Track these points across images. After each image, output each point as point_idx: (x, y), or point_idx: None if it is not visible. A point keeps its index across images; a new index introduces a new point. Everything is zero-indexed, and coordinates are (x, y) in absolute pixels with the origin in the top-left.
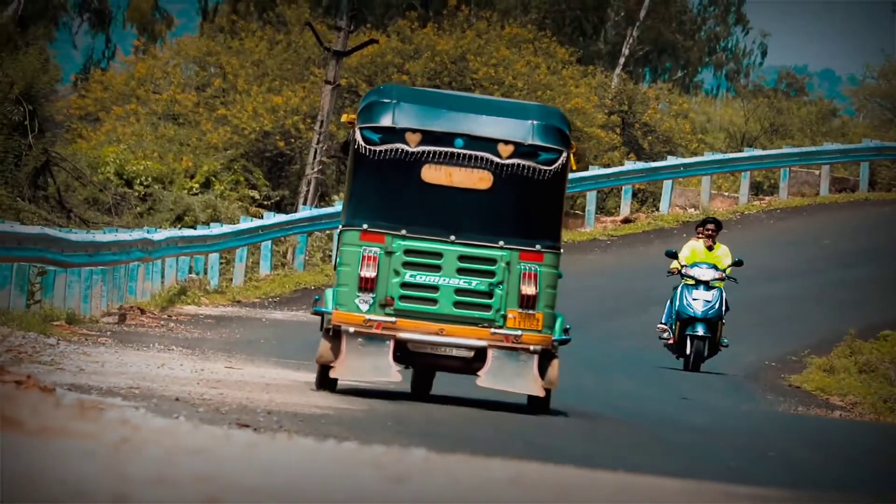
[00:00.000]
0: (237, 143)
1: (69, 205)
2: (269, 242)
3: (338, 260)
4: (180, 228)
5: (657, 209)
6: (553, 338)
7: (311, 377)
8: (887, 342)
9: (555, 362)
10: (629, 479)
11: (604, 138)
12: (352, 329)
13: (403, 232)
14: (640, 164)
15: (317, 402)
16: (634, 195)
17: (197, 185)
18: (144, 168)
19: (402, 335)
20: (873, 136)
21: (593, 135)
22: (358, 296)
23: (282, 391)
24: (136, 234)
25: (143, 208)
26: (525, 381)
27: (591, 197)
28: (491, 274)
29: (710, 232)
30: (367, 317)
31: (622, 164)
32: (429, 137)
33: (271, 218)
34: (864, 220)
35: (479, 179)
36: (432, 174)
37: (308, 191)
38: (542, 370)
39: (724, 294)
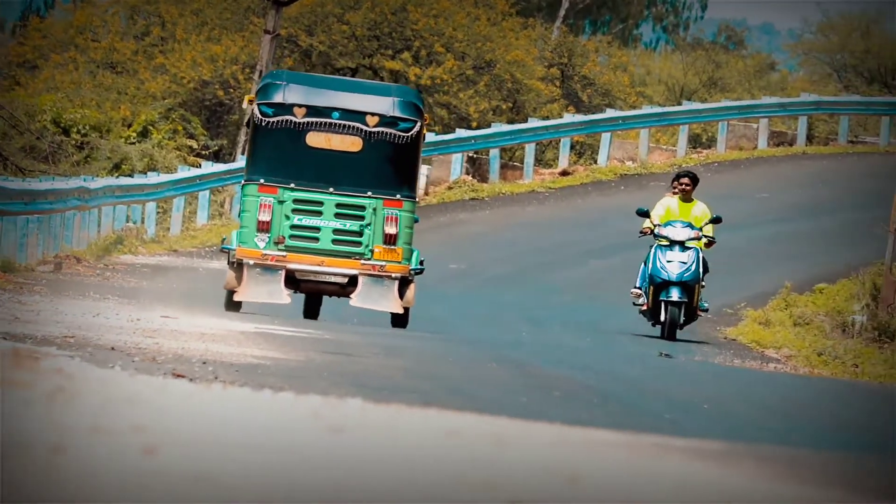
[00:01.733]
0: (175, 93)
1: (5, 153)
2: (207, 192)
3: (241, 208)
4: (117, 177)
5: (595, 162)
6: (410, 267)
7: (247, 327)
8: (822, 295)
9: (411, 286)
10: (565, 430)
11: (543, 91)
12: (251, 261)
13: (292, 185)
14: (579, 117)
15: (253, 352)
16: (573, 148)
17: (135, 134)
18: (82, 116)
19: (291, 266)
20: (811, 91)
21: (532, 87)
22: (256, 235)
23: (217, 341)
24: (73, 183)
25: (80, 157)
26: (388, 302)
27: (530, 149)
28: (361, 218)
29: (684, 186)
30: (264, 252)
31: (561, 117)
32: (312, 111)
33: (209, 167)
34: (802, 173)
35: (352, 143)
36: (315, 139)
37: (246, 140)
38: (402, 293)
39: (701, 254)
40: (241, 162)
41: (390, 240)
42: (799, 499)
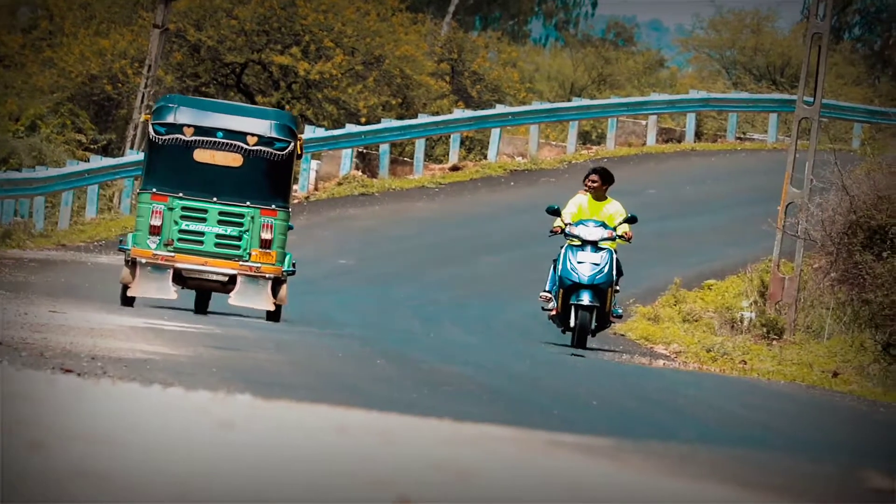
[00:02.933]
0: (64, 87)
1: None
2: (96, 186)
3: (137, 213)
4: (5, 171)
5: (485, 157)
6: (283, 269)
7: (136, 322)
8: (711, 291)
9: (284, 286)
10: (454, 426)
11: (433, 86)
12: (144, 260)
13: (181, 194)
14: (469, 113)
15: (142, 348)
16: (462, 143)
17: (22, 129)
18: None
19: (179, 265)
20: (700, 87)
21: (422, 83)
22: (149, 238)
23: (106, 336)
24: None
25: None
26: (262, 299)
27: (420, 144)
28: (240, 224)
29: (595, 184)
30: (155, 252)
31: (451, 112)
32: (199, 130)
33: (98, 161)
34: (690, 170)
35: (234, 160)
36: (201, 155)
37: (135, 135)
38: (275, 291)
39: (615, 256)
40: (130, 156)
41: (266, 244)
42: (688, 494)
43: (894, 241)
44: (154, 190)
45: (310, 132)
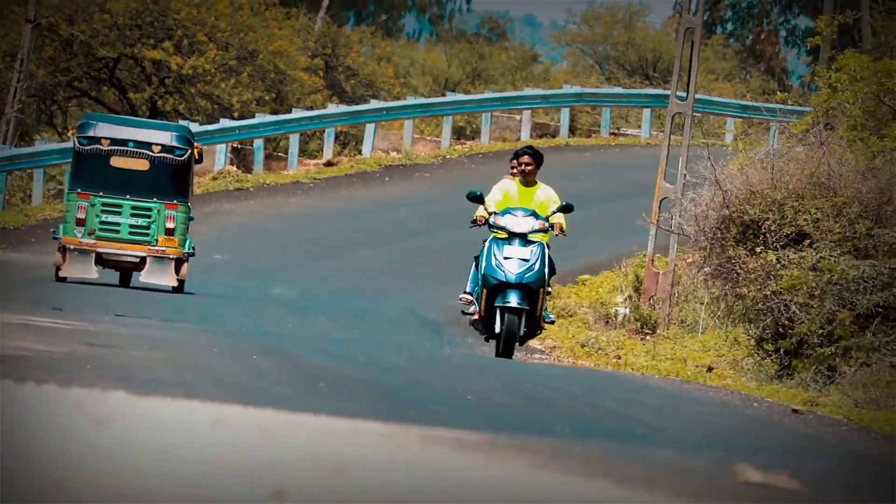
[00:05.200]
0: None
1: None
2: None
3: (66, 209)
4: None
5: (360, 152)
6: (184, 251)
7: (10, 318)
8: (585, 287)
9: (185, 265)
10: (330, 421)
11: (307, 81)
12: (71, 247)
13: (100, 193)
14: (343, 108)
15: (15, 344)
16: (337, 138)
17: None
18: None
19: (100, 250)
20: (574, 82)
21: (296, 78)
22: (76, 228)
23: None
24: None
25: None
26: (167, 277)
27: (294, 140)
28: (149, 216)
29: (524, 167)
30: (80, 240)
31: (325, 107)
32: (114, 142)
33: None
34: (565, 165)
35: (142, 164)
36: (116, 161)
37: (7, 130)
38: (178, 270)
39: (547, 251)
40: (3, 151)
41: (170, 232)
42: (562, 489)
43: (767, 236)
44: (79, 190)
45: None
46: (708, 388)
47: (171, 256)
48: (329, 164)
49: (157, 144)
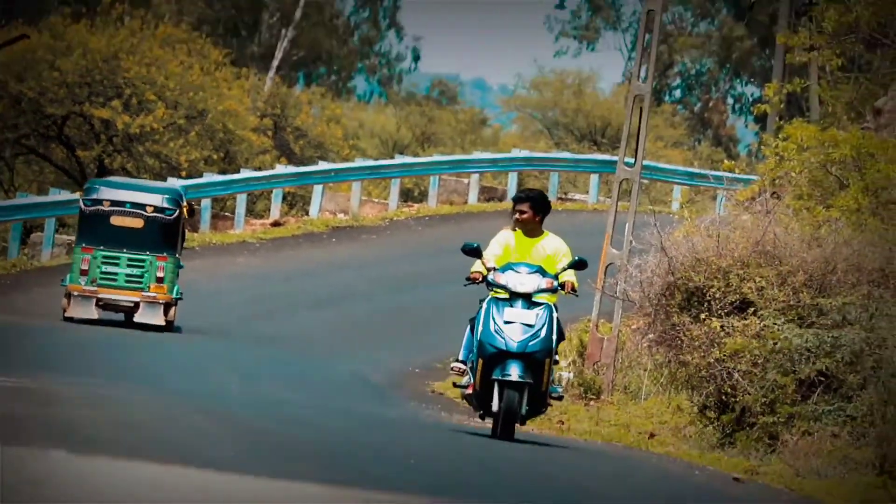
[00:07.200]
0: None
1: None
2: None
3: (72, 260)
4: None
5: (307, 213)
6: (172, 296)
7: None
8: None
9: (173, 308)
10: (271, 483)
11: (255, 141)
12: (75, 292)
13: (101, 248)
14: (291, 168)
15: None
16: (284, 199)
17: None
18: None
19: (100, 295)
20: (522, 147)
21: (245, 137)
22: (80, 277)
23: None
24: None
25: None
26: (157, 318)
27: (242, 199)
28: (142, 267)
29: (525, 214)
30: (84, 287)
31: (273, 168)
32: (114, 203)
33: None
34: None
35: (137, 223)
36: (116, 220)
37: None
38: (167, 312)
39: (555, 314)
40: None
41: (160, 280)
42: None
43: (711, 304)
44: (84, 244)
45: None
46: (650, 454)
47: (160, 301)
48: (276, 224)
49: (150, 206)
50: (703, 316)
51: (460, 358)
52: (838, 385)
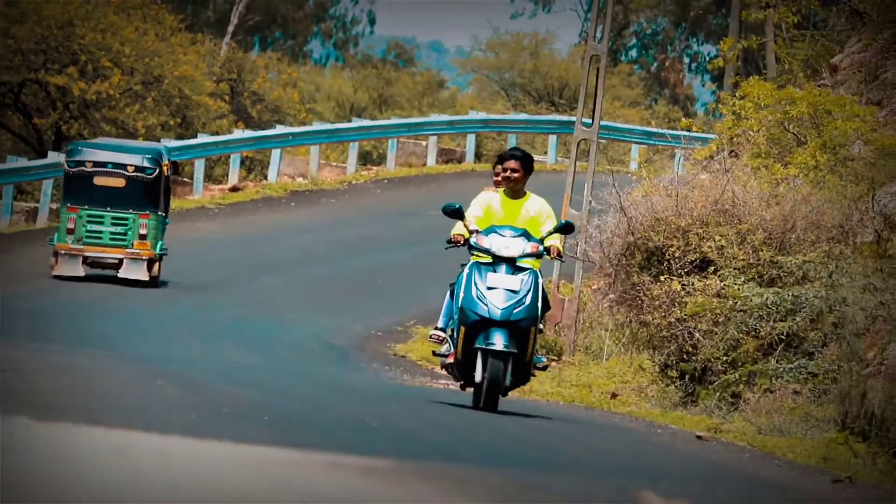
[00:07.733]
0: None
1: None
2: None
3: (60, 219)
4: None
5: (265, 178)
6: (156, 252)
7: None
8: None
9: (157, 264)
10: (234, 448)
11: (212, 106)
12: (62, 251)
13: (86, 207)
14: (249, 133)
15: None
16: (243, 163)
17: None
18: None
19: (86, 253)
20: (480, 108)
21: (201, 103)
22: (67, 236)
23: None
24: None
25: None
26: (141, 273)
27: (199, 165)
28: (126, 224)
29: (510, 174)
30: (70, 245)
31: (231, 133)
32: (96, 164)
33: None
34: (470, 190)
35: (120, 182)
36: (99, 180)
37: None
38: (150, 268)
39: (540, 280)
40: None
41: (143, 237)
42: None
43: (671, 263)
44: (69, 204)
45: None
46: (613, 414)
47: (143, 257)
48: (234, 189)
49: (131, 165)
50: (663, 276)
51: (440, 325)
52: (799, 342)
